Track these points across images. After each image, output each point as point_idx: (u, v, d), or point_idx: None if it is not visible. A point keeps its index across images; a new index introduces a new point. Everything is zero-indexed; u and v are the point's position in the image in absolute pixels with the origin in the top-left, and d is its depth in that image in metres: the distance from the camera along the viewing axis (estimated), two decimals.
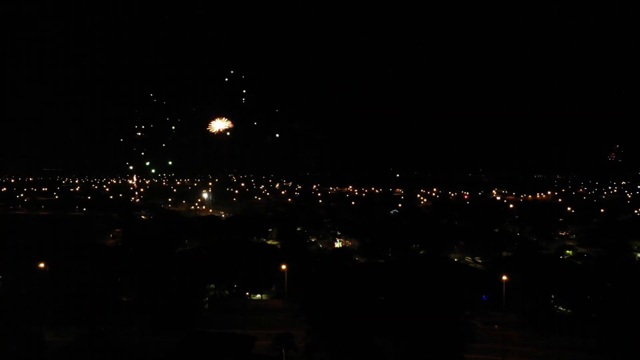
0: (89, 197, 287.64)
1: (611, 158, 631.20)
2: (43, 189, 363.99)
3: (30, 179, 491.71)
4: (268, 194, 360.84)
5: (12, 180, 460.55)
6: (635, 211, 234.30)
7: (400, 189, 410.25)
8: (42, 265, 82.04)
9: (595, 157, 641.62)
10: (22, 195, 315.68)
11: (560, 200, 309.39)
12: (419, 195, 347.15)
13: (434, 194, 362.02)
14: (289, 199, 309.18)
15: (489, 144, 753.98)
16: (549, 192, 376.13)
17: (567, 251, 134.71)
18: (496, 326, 76.13)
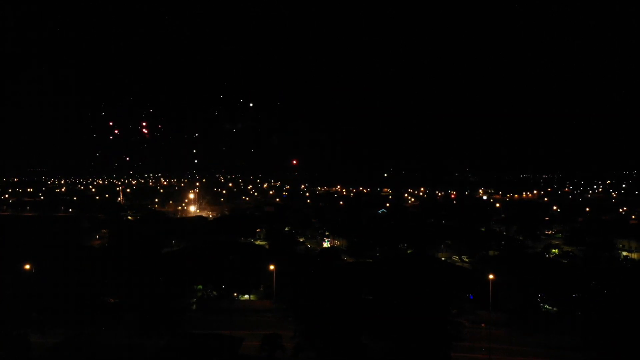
0: (74, 198, 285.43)
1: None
2: (28, 190, 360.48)
3: (16, 179, 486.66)
4: (256, 194, 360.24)
5: None
6: (620, 210, 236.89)
7: (387, 188, 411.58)
8: (27, 266, 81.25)
9: (580, 156, 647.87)
10: (7, 196, 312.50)
11: (546, 199, 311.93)
12: (406, 195, 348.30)
13: (421, 194, 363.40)
14: (277, 199, 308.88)
15: (476, 144, 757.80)
16: (535, 192, 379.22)
17: (553, 250, 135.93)
18: (483, 325, 76.64)
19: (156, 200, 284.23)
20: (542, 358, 65.81)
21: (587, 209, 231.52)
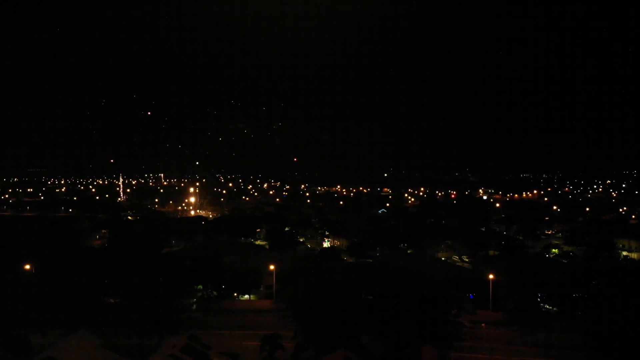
0: (74, 198, 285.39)
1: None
2: (28, 190, 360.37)
3: (16, 179, 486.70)
4: (256, 194, 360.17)
5: None
6: (620, 210, 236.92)
7: (387, 188, 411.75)
8: (27, 266, 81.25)
9: (581, 156, 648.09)
10: (7, 196, 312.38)
11: (546, 199, 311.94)
12: (406, 195, 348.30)
13: (421, 194, 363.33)
14: (277, 199, 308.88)
15: (476, 144, 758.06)
16: (535, 191, 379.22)
17: (553, 250, 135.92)
18: (483, 324, 76.63)
19: (156, 200, 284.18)
20: (542, 358, 65.75)
21: (587, 209, 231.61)
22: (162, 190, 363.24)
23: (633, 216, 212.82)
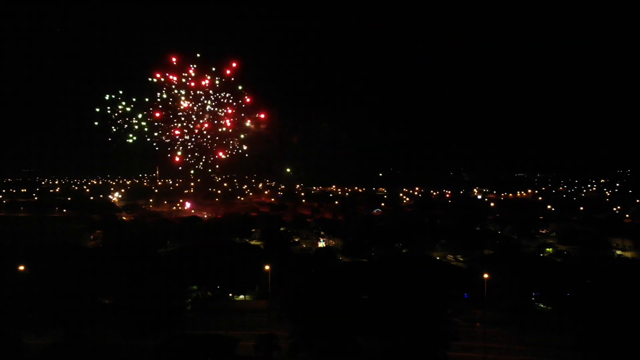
0: (69, 198, 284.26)
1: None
2: (22, 190, 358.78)
3: (9, 179, 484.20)
4: (251, 194, 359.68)
5: None
6: (614, 209, 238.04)
7: (383, 188, 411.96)
8: (21, 267, 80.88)
9: (575, 155, 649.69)
10: (0, 196, 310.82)
11: (540, 198, 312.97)
12: (401, 195, 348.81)
13: (416, 193, 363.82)
14: (272, 199, 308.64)
15: (470, 143, 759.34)
16: (529, 191, 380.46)
17: (547, 249, 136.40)
18: (478, 324, 76.87)
19: (151, 200, 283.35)
20: (536, 357, 66.06)
21: (581, 208, 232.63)
22: (156, 191, 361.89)
23: (627, 215, 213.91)
